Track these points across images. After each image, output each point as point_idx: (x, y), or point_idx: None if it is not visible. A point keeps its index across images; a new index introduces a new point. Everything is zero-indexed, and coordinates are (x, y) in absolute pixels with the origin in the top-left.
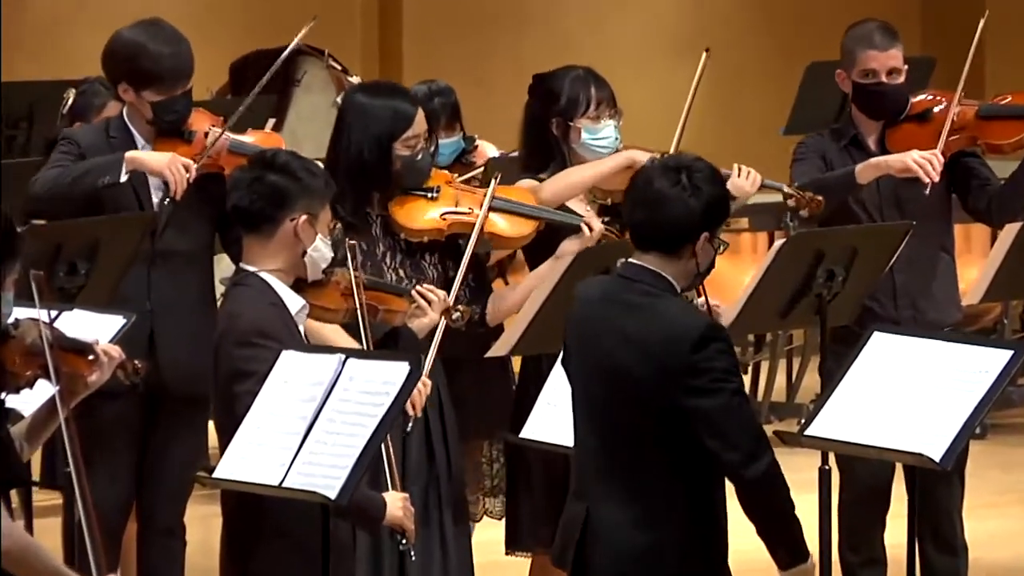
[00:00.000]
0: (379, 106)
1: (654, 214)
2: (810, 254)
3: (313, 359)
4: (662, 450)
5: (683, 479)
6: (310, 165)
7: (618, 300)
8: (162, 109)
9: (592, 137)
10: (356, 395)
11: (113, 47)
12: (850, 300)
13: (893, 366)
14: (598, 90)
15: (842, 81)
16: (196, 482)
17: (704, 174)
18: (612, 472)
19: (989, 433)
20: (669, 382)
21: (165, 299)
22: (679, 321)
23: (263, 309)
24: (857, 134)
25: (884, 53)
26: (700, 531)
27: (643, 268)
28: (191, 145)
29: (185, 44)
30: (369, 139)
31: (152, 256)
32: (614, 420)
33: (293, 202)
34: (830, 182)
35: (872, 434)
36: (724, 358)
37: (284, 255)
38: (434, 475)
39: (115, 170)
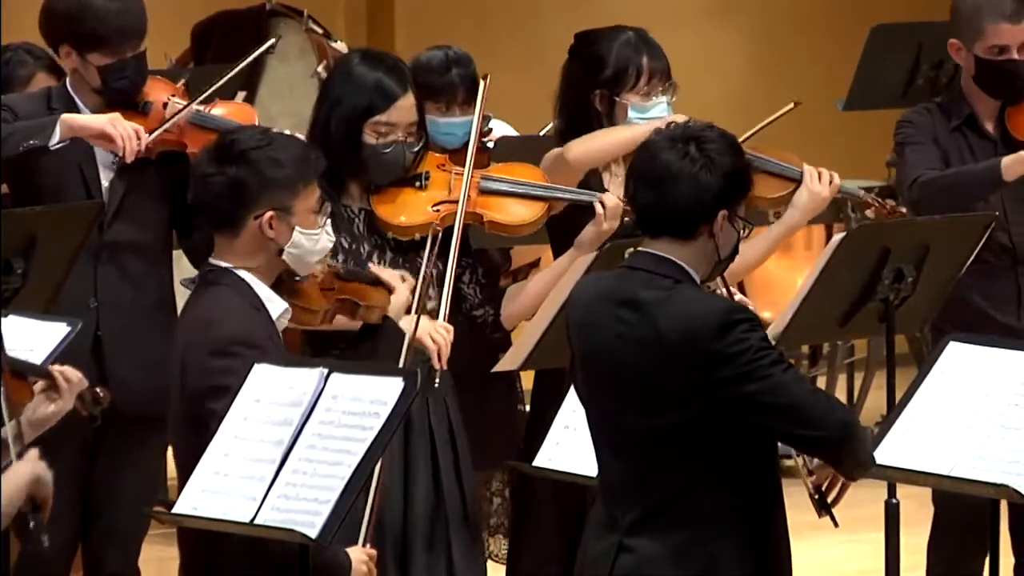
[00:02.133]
0: (362, 76)
1: (662, 193)
2: (875, 251)
3: (291, 373)
4: (699, 464)
5: (730, 495)
6: (278, 152)
7: (621, 298)
8: (110, 74)
9: (640, 116)
10: (341, 416)
11: (52, 4)
12: (922, 305)
13: (973, 381)
14: (651, 59)
15: (956, 52)
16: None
17: (718, 144)
18: (643, 498)
19: None
20: (697, 382)
21: (113, 299)
22: (695, 312)
23: (244, 312)
24: (973, 113)
25: (1019, 27)
26: (755, 557)
27: (653, 256)
28: (147, 118)
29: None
30: (338, 114)
31: (99, 248)
32: (637, 437)
33: (255, 198)
34: (967, 179)
35: (947, 462)
36: (752, 336)
37: (257, 255)
38: (442, 504)
39: (46, 133)
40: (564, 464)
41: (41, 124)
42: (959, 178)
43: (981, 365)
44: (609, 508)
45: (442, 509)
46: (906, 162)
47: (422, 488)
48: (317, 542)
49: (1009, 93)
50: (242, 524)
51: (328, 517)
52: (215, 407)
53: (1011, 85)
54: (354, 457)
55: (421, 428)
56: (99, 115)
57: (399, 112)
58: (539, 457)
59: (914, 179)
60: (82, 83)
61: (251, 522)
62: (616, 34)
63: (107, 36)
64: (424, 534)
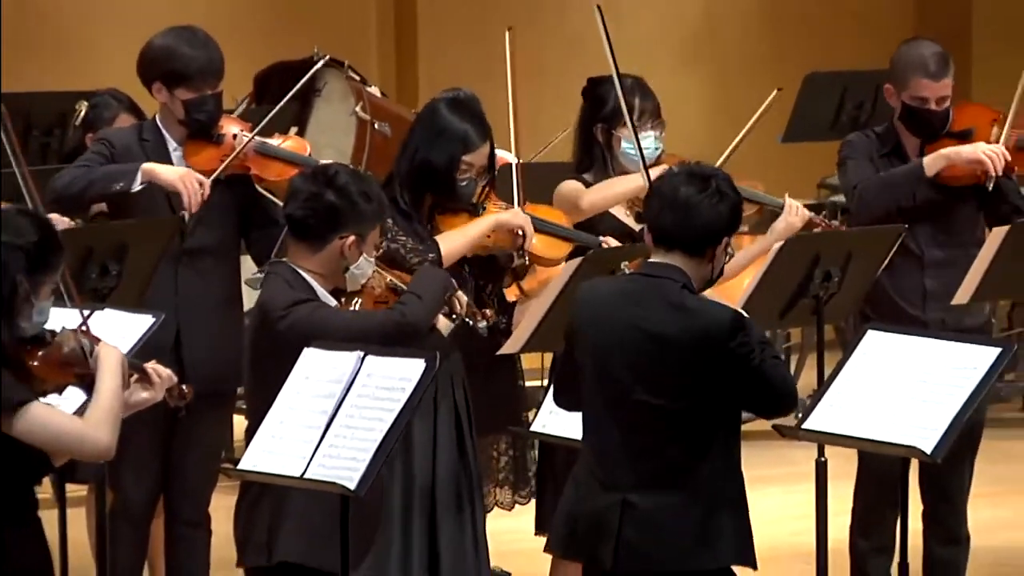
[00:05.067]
0: (454, 124)
1: (686, 218)
2: (807, 257)
3: (333, 356)
4: (694, 436)
5: (715, 459)
6: (367, 188)
7: (647, 300)
8: (194, 107)
9: (632, 147)
10: (374, 391)
11: (148, 50)
12: (846, 300)
13: (887, 362)
14: (642, 101)
15: (890, 95)
16: (221, 474)
17: (727, 183)
18: (646, 462)
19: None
20: (709, 371)
21: (192, 296)
22: (713, 314)
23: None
24: (899, 143)
25: (938, 83)
26: (740, 504)
27: (669, 266)
28: (220, 147)
29: (215, 46)
30: (437, 152)
31: (180, 254)
32: (645, 413)
33: (345, 223)
34: (898, 177)
35: (867, 428)
36: (752, 336)
37: (326, 266)
38: (466, 466)
39: (130, 178)
40: (556, 430)
41: (125, 170)
42: (891, 178)
43: (894, 349)
44: (608, 470)
45: (466, 467)
46: (847, 172)
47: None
48: (355, 492)
49: (925, 135)
50: (294, 478)
51: (364, 472)
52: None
53: (927, 129)
54: (385, 424)
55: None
56: (174, 169)
57: (478, 157)
58: (535, 424)
59: (854, 185)
60: (169, 116)
61: (301, 476)
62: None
63: (191, 75)
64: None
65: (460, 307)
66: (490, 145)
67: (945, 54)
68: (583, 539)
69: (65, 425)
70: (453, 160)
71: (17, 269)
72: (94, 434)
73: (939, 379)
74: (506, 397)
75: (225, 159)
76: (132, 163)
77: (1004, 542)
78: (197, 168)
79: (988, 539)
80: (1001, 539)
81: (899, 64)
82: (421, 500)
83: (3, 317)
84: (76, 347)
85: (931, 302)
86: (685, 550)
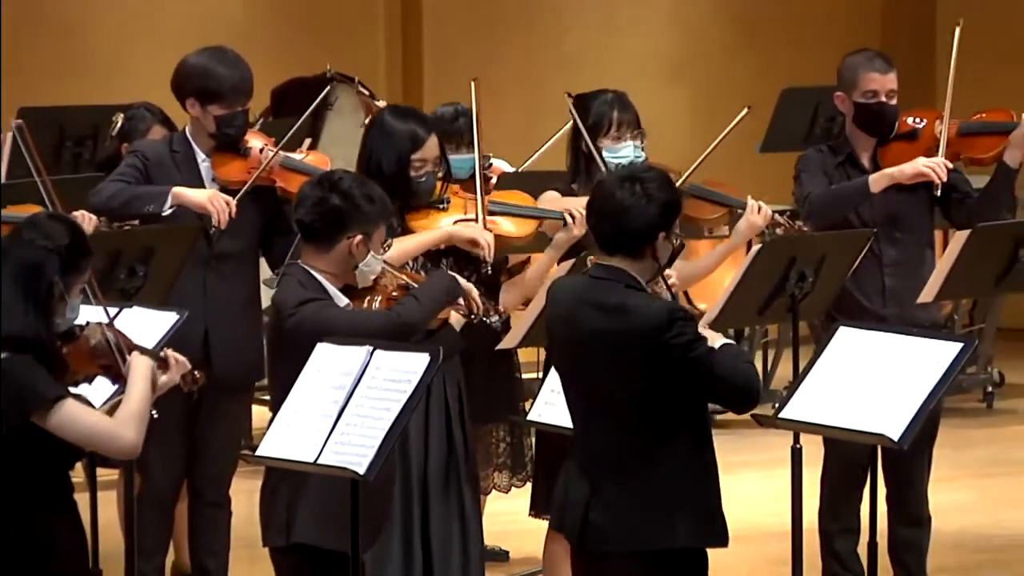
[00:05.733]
0: (398, 127)
1: (618, 224)
2: (784, 258)
3: (344, 351)
4: (656, 423)
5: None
6: (370, 191)
7: (593, 301)
8: (224, 123)
9: (612, 155)
10: (382, 383)
11: (183, 68)
12: (819, 299)
13: (857, 357)
14: (620, 112)
15: (841, 103)
16: (241, 459)
17: (656, 183)
18: (608, 451)
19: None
20: (655, 362)
21: (218, 298)
22: (648, 310)
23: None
24: (852, 152)
25: (885, 76)
26: (704, 488)
27: (613, 268)
28: (247, 160)
29: (246, 66)
30: (387, 156)
31: (208, 258)
32: (603, 405)
33: (351, 225)
34: (847, 191)
35: (839, 417)
36: (688, 329)
37: (337, 266)
38: (453, 454)
39: (160, 201)
40: (550, 419)
41: (156, 193)
42: (840, 191)
43: (864, 344)
44: (582, 456)
45: (453, 458)
46: (801, 184)
47: (437, 444)
48: (364, 477)
49: (880, 131)
50: (308, 463)
51: (373, 458)
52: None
53: (882, 123)
54: (392, 413)
55: (438, 394)
56: (202, 192)
57: (428, 151)
58: (531, 413)
59: (806, 196)
60: (199, 129)
61: (314, 462)
62: (599, 94)
63: (224, 93)
64: (440, 477)
65: (477, 307)
66: (437, 138)
67: (887, 55)
68: (565, 519)
69: (95, 423)
70: (402, 160)
71: (53, 271)
72: (121, 432)
73: (906, 372)
74: (504, 388)
75: (251, 171)
76: (163, 187)
77: (966, 523)
78: (225, 178)
79: (951, 520)
80: (963, 520)
81: (847, 69)
82: (417, 485)
83: (43, 317)
84: (102, 340)
85: (890, 299)
86: (643, 532)
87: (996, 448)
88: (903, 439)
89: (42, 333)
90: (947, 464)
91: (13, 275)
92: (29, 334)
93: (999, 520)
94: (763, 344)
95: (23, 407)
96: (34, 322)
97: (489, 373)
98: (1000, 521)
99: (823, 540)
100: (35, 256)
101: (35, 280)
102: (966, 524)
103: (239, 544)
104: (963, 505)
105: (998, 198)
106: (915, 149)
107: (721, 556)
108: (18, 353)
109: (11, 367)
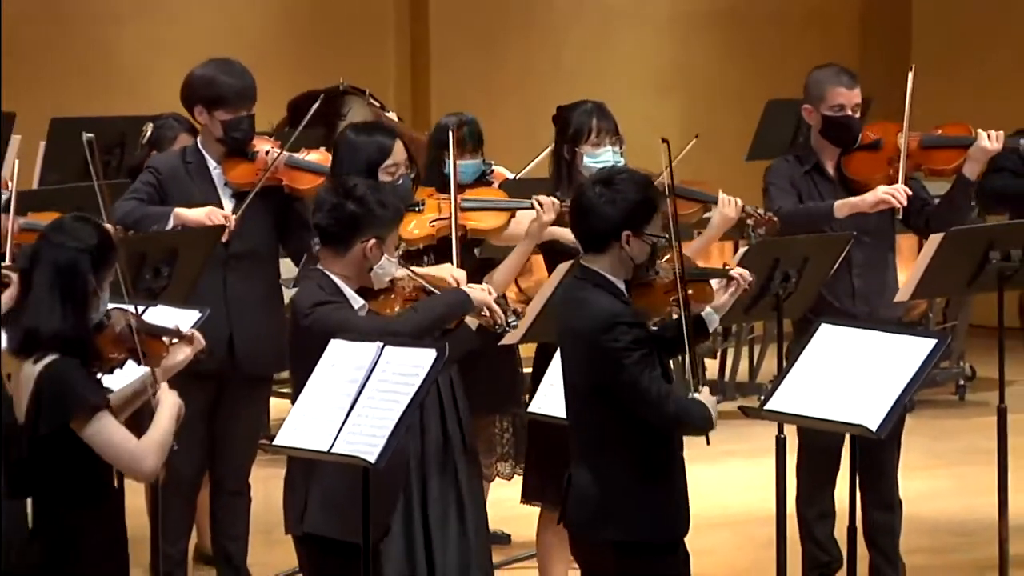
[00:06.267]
0: (364, 140)
1: (583, 222)
2: (769, 260)
3: (356, 347)
4: (607, 420)
5: (628, 443)
6: (383, 197)
7: (570, 299)
8: (230, 127)
9: (592, 160)
10: (392, 376)
11: (190, 79)
12: (803, 298)
13: (838, 352)
14: (599, 120)
15: (809, 115)
16: (260, 449)
17: (626, 182)
18: (579, 442)
19: (916, 408)
20: (595, 363)
21: (238, 296)
22: (596, 310)
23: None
24: (818, 161)
25: (851, 91)
26: (650, 487)
27: (586, 267)
28: (254, 163)
29: (248, 75)
30: (359, 167)
31: (226, 258)
32: (576, 399)
33: (365, 229)
34: (813, 213)
35: (820, 408)
36: (626, 337)
37: (353, 267)
38: (448, 440)
39: (163, 222)
40: (549, 410)
41: (160, 214)
42: (807, 212)
43: (844, 341)
44: (570, 447)
45: (449, 444)
46: (771, 198)
47: (433, 432)
48: (375, 465)
49: (845, 142)
50: (322, 452)
51: (383, 448)
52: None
53: (847, 134)
54: (401, 405)
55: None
56: (199, 209)
57: (396, 155)
58: (532, 405)
59: (776, 211)
60: (209, 137)
61: (328, 451)
62: (580, 105)
63: (228, 97)
64: (437, 461)
65: (498, 317)
66: (400, 141)
67: (852, 71)
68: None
69: (122, 442)
70: (373, 170)
71: (86, 270)
72: (143, 457)
73: (883, 366)
74: (507, 381)
75: (260, 173)
76: (167, 208)
77: (940, 508)
78: (236, 182)
79: (926, 506)
80: (938, 505)
81: (815, 84)
82: (416, 471)
83: (81, 314)
84: (125, 326)
85: (859, 299)
86: (596, 524)
87: (968, 438)
88: (881, 429)
89: (81, 329)
90: (923, 453)
91: (49, 278)
92: (70, 332)
93: (971, 506)
94: (749, 340)
95: (66, 411)
96: (73, 320)
97: (492, 367)
98: (972, 506)
99: (801, 525)
100: (68, 257)
101: (71, 280)
102: (941, 509)
103: (257, 530)
104: (938, 492)
105: (957, 207)
106: (878, 158)
107: (709, 539)
108: (62, 352)
109: (60, 369)
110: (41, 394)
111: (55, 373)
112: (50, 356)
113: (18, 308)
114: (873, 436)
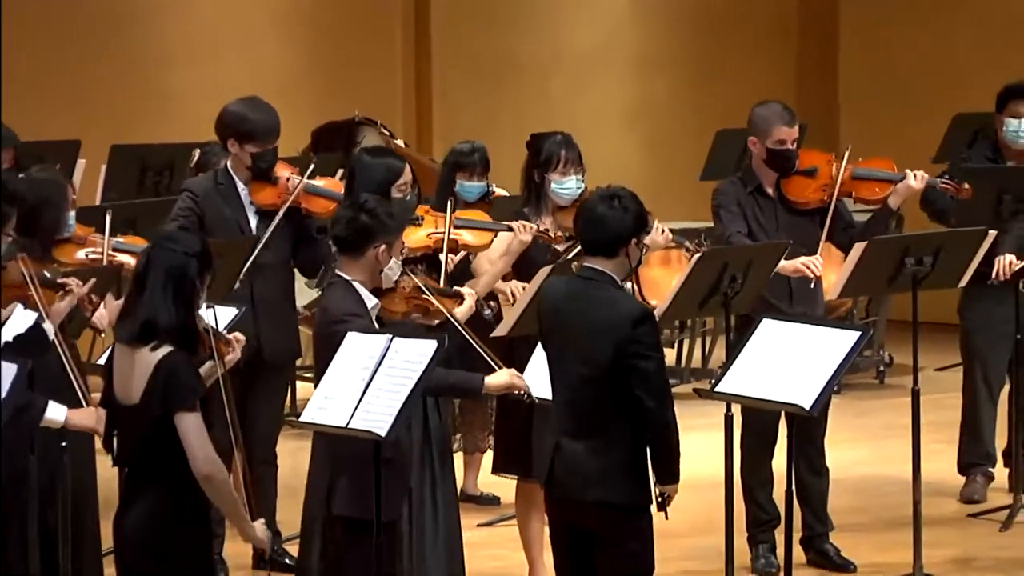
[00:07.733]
0: (377, 162)
1: (599, 231)
2: (718, 265)
3: (369, 339)
4: (612, 399)
5: (627, 419)
6: (390, 209)
7: (582, 295)
8: (259, 158)
9: (558, 187)
10: (400, 363)
11: (224, 115)
12: (747, 296)
13: (777, 343)
14: (567, 151)
15: (754, 145)
16: (287, 424)
17: (628, 198)
18: (576, 417)
19: (843, 390)
20: (619, 349)
21: (261, 296)
22: (625, 306)
23: (348, 299)
24: (760, 184)
25: (791, 128)
26: (640, 458)
27: (596, 270)
28: (276, 186)
29: (274, 112)
30: (373, 185)
31: (252, 268)
32: (582, 381)
33: (376, 237)
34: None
35: (762, 390)
36: (654, 334)
37: (367, 271)
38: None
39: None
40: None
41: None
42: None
43: (782, 333)
44: (555, 420)
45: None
46: (722, 221)
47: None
48: (385, 439)
49: (785, 170)
50: (340, 428)
51: (392, 423)
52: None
53: (788, 164)
54: (407, 388)
55: None
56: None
57: (405, 175)
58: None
59: (728, 237)
60: (239, 164)
61: (346, 426)
62: (550, 135)
63: (257, 134)
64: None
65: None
66: (406, 162)
67: (790, 108)
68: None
69: (203, 445)
70: (387, 188)
71: (194, 272)
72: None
73: (815, 355)
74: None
75: (281, 195)
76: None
77: (861, 474)
78: (261, 203)
79: (849, 472)
80: (859, 472)
81: (761, 120)
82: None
83: (189, 310)
84: (204, 328)
85: (796, 300)
86: (588, 486)
87: (887, 416)
88: (814, 407)
89: (190, 324)
90: (848, 428)
91: (162, 280)
92: (181, 326)
93: (889, 472)
94: (702, 332)
95: (174, 402)
96: (184, 316)
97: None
98: (890, 473)
99: (746, 490)
100: (180, 261)
101: (182, 281)
102: (863, 475)
103: (284, 493)
104: (860, 460)
105: (877, 230)
106: (813, 183)
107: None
108: (175, 344)
109: (176, 361)
110: (160, 381)
111: (173, 364)
112: (166, 347)
113: (127, 306)
114: (806, 414)
